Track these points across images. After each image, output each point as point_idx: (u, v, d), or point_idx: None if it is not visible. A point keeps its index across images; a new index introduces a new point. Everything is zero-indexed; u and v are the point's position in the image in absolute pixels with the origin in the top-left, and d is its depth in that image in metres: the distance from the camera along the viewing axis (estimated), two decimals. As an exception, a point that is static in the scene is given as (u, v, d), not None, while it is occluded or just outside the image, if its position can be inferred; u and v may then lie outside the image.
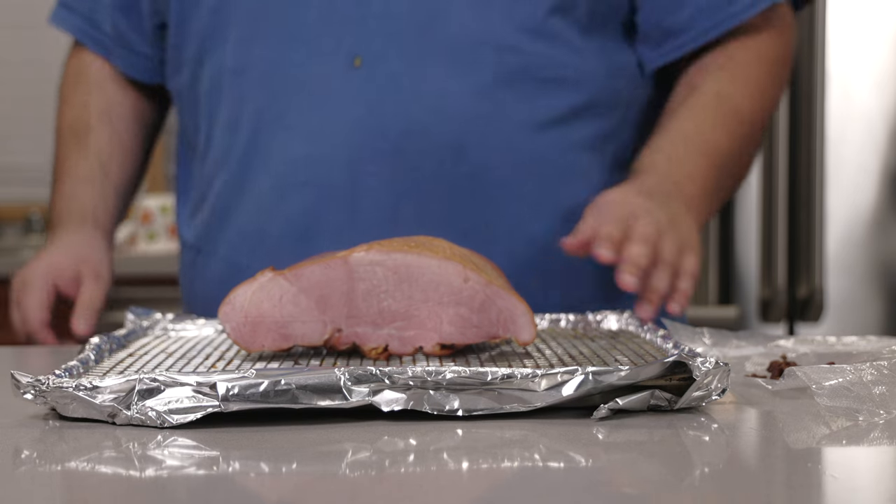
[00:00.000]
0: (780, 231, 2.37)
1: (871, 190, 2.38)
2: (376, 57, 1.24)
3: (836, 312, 2.38)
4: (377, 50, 1.24)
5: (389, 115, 1.23)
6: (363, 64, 1.23)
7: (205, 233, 1.35)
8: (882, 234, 2.38)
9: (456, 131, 1.23)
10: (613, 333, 1.10)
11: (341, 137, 1.24)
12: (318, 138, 1.25)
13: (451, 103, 1.23)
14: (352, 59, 1.24)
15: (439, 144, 1.23)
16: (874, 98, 2.38)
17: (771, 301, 2.38)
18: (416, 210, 1.24)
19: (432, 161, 1.23)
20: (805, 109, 2.37)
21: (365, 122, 1.23)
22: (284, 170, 1.26)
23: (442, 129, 1.23)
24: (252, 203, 1.29)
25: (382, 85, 1.23)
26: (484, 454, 0.75)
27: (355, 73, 1.24)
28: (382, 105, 1.23)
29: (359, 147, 1.24)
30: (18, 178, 3.62)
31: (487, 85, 1.24)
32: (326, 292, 0.97)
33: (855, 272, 2.38)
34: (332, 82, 1.24)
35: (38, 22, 3.62)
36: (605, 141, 1.29)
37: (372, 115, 1.23)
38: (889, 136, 2.37)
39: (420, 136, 1.23)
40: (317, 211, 1.26)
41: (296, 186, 1.26)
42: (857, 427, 0.82)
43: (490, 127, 1.24)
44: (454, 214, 1.25)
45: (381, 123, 1.23)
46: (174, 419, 0.81)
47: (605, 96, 1.28)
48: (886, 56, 2.37)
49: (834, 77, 2.37)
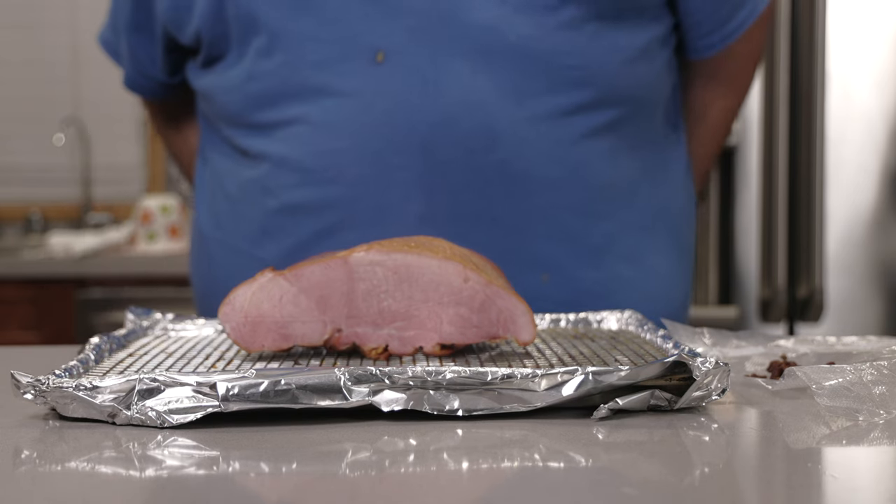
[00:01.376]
0: (780, 231, 2.37)
1: (871, 190, 2.38)
2: (398, 51, 1.24)
3: (836, 312, 2.38)
4: (399, 44, 1.24)
5: (416, 108, 1.24)
6: (386, 59, 1.24)
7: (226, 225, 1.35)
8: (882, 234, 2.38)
9: (483, 121, 1.24)
10: (613, 333, 1.10)
11: (369, 132, 1.25)
12: (345, 134, 1.25)
13: (477, 94, 1.24)
14: (374, 55, 1.24)
15: (467, 135, 1.24)
16: (874, 98, 2.38)
17: (771, 301, 2.38)
18: (447, 201, 1.24)
19: (461, 152, 1.24)
20: (805, 109, 2.37)
21: (392, 116, 1.24)
22: (312, 166, 1.26)
23: (469, 120, 1.24)
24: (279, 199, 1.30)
25: (407, 79, 1.24)
26: (484, 454, 0.75)
27: (378, 68, 1.24)
28: (409, 99, 1.24)
29: (387, 141, 1.24)
30: (18, 178, 3.62)
31: (510, 75, 1.25)
32: (326, 292, 0.97)
33: (855, 272, 2.38)
34: (356, 78, 1.25)
35: (38, 22, 3.62)
36: (628, 123, 1.31)
37: (399, 108, 1.24)
38: (889, 136, 2.37)
39: (448, 127, 1.24)
40: (346, 206, 1.26)
41: (324, 182, 1.26)
42: (857, 427, 0.82)
43: (517, 115, 1.25)
44: (484, 203, 1.26)
45: (409, 117, 1.24)
46: (174, 419, 0.81)
47: (625, 82, 1.30)
48: (886, 56, 2.37)
49: (834, 77, 2.37)
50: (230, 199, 1.35)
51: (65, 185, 3.61)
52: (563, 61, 1.25)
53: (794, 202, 2.39)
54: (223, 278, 1.33)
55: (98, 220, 3.50)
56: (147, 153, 3.60)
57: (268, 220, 1.31)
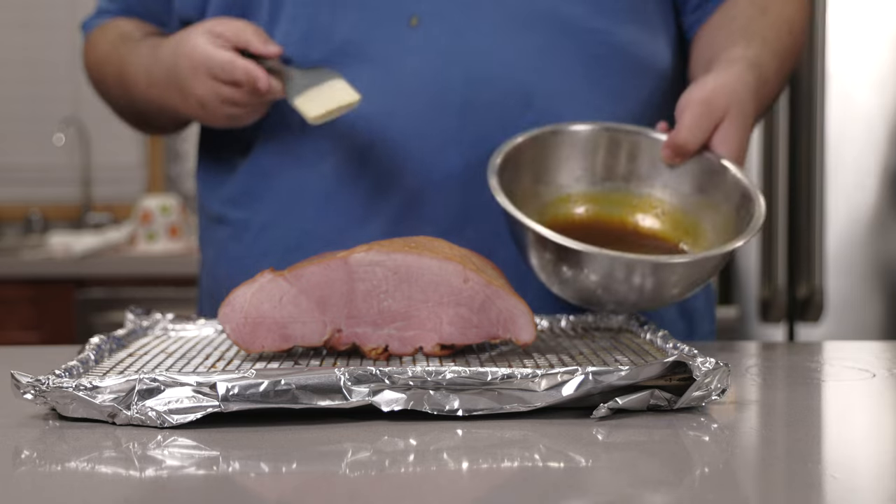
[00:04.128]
0: (780, 231, 2.37)
1: (871, 190, 2.38)
2: (433, 15, 1.25)
3: (836, 312, 2.38)
4: (433, 8, 1.25)
5: (453, 70, 1.24)
6: (420, 23, 1.24)
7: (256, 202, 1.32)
8: (882, 234, 2.38)
9: (520, 80, 1.25)
10: (613, 333, 1.10)
11: (407, 95, 1.25)
12: (383, 98, 1.25)
13: (513, 53, 1.25)
14: (408, 19, 1.25)
15: (505, 94, 1.25)
16: (874, 98, 2.38)
17: (771, 301, 2.38)
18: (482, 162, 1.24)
19: (499, 111, 1.25)
20: (805, 109, 2.37)
21: (429, 78, 1.24)
22: (351, 132, 1.26)
23: (503, 82, 1.25)
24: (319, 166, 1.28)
25: (442, 41, 1.25)
26: (484, 454, 0.75)
27: (413, 31, 1.25)
28: (445, 61, 1.25)
29: (425, 103, 1.25)
30: (18, 178, 3.62)
31: (542, 37, 1.26)
32: (326, 293, 0.97)
33: (855, 272, 2.38)
34: (392, 43, 1.25)
35: (38, 22, 3.62)
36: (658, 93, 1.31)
37: (435, 71, 1.24)
38: (889, 136, 2.37)
39: (485, 87, 1.24)
40: (388, 169, 1.26)
41: (364, 147, 1.26)
42: (857, 427, 0.82)
43: (550, 76, 1.25)
44: None
45: (446, 78, 1.24)
46: (174, 419, 0.81)
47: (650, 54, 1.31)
48: (886, 56, 2.38)
49: (834, 77, 2.37)
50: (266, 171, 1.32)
51: (65, 185, 3.61)
52: (593, 24, 1.26)
53: (794, 202, 2.39)
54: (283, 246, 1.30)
55: (98, 220, 3.50)
56: (147, 153, 3.61)
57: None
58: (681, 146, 1.15)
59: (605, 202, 1.21)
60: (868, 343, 1.36)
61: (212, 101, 1.24)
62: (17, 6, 3.61)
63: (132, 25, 1.40)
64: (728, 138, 1.15)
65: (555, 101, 1.26)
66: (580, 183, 1.22)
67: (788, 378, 1.01)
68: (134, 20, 1.42)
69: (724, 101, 1.15)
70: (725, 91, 1.15)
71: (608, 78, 1.28)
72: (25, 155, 3.62)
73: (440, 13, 1.25)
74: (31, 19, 3.61)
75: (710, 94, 1.15)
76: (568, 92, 1.26)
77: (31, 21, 3.61)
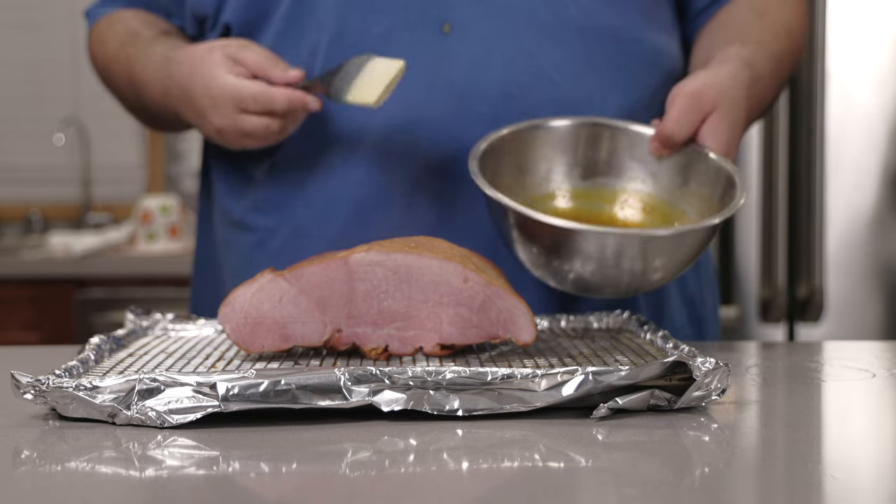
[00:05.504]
0: (780, 231, 2.37)
1: (871, 190, 2.38)
2: (465, 22, 1.25)
3: (836, 312, 2.38)
4: (466, 15, 1.25)
5: (487, 78, 1.24)
6: (453, 30, 1.24)
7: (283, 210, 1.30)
8: (882, 234, 2.38)
9: (553, 88, 1.25)
10: (613, 333, 1.10)
11: (441, 103, 1.24)
12: (416, 105, 1.24)
13: (546, 61, 1.25)
14: (440, 26, 1.24)
15: (538, 102, 1.25)
16: (874, 98, 2.38)
17: (771, 301, 2.38)
18: None
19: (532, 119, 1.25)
20: (805, 109, 2.37)
21: (463, 86, 1.24)
22: (382, 140, 1.26)
23: (540, 88, 1.25)
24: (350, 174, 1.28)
25: (476, 49, 1.25)
26: (484, 454, 0.75)
27: (446, 39, 1.24)
28: (479, 69, 1.24)
29: (459, 111, 1.24)
30: (18, 178, 3.62)
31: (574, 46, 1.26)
32: (326, 293, 0.97)
33: (855, 272, 2.38)
34: (425, 50, 1.24)
35: (38, 22, 3.62)
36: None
37: (469, 79, 1.24)
38: (889, 136, 2.37)
39: (515, 98, 1.24)
40: (420, 178, 1.25)
41: (396, 155, 1.25)
42: (857, 427, 0.82)
43: (582, 86, 1.26)
44: None
45: (480, 87, 1.24)
46: (174, 419, 0.81)
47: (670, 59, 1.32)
48: (886, 56, 2.37)
49: (834, 77, 2.37)
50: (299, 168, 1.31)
51: (65, 185, 3.61)
52: (624, 34, 1.26)
53: (794, 202, 2.39)
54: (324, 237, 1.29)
55: (98, 220, 3.50)
56: (147, 153, 3.61)
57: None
58: (667, 137, 1.15)
59: (589, 197, 1.21)
60: (868, 343, 1.36)
61: (230, 132, 1.21)
62: (17, 6, 3.61)
63: (139, 22, 1.38)
64: (716, 131, 1.14)
65: (587, 109, 1.26)
66: (563, 178, 1.22)
67: (788, 378, 1.01)
68: (140, 13, 1.39)
69: (713, 94, 1.14)
70: (715, 85, 1.15)
71: (640, 86, 1.28)
72: (25, 155, 3.62)
73: (473, 21, 1.25)
74: (31, 19, 3.61)
75: (700, 88, 1.15)
76: (601, 101, 1.26)
77: (31, 21, 3.61)
